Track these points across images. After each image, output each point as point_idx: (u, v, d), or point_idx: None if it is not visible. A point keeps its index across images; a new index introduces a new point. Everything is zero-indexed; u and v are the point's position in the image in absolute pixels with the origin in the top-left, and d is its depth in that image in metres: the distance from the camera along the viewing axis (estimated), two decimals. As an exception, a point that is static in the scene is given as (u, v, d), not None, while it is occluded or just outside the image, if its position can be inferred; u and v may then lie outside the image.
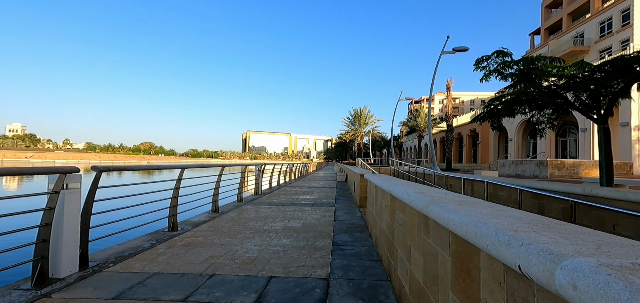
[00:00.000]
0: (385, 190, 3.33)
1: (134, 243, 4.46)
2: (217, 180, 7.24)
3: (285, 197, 10.41)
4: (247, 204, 8.51)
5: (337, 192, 12.32)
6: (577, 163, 17.10)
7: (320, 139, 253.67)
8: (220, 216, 6.65)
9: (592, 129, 20.16)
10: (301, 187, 14.06)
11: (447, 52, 12.84)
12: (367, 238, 4.83)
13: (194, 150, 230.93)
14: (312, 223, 6.05)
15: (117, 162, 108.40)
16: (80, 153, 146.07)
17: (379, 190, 4.00)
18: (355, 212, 7.42)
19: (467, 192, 7.00)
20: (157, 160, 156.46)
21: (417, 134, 46.43)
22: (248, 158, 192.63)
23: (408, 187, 2.76)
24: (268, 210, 7.47)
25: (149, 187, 5.51)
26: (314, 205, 8.47)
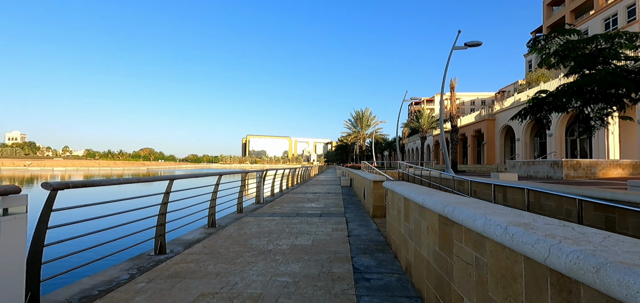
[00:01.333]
0: (431, 209, 2.51)
1: (110, 273, 3.63)
2: (214, 191, 6.42)
3: (289, 205, 9.58)
4: (247, 216, 7.68)
5: (344, 198, 11.50)
6: (593, 163, 16.25)
7: (320, 141, 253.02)
8: (218, 232, 5.82)
9: (607, 128, 19.35)
10: (305, 194, 13.23)
11: (459, 47, 12.07)
12: (393, 261, 4.01)
13: (193, 155, 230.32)
14: (323, 239, 5.22)
15: (97, 169, 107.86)
16: (79, 161, 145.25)
17: (414, 205, 3.18)
18: (370, 224, 6.59)
19: (498, 201, 6.17)
20: (157, 166, 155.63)
21: (419, 136, 45.63)
22: (248, 163, 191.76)
23: (471, 207, 1.96)
24: (272, 223, 6.64)
25: (132, 203, 4.70)
26: (321, 216, 7.64)
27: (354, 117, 51.74)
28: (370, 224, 6.59)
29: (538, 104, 7.36)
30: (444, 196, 2.60)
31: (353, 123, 52.10)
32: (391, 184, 4.56)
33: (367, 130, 50.59)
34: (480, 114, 36.25)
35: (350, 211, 8.48)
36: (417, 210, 3.05)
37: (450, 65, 13.35)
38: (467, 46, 11.91)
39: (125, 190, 29.45)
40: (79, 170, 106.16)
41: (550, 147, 24.06)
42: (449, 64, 13.38)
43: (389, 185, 4.66)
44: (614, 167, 16.12)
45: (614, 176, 15.84)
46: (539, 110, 7.41)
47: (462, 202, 2.22)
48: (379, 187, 7.23)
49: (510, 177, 10.51)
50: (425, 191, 3.13)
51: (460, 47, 12.04)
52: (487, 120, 32.69)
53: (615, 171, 16.06)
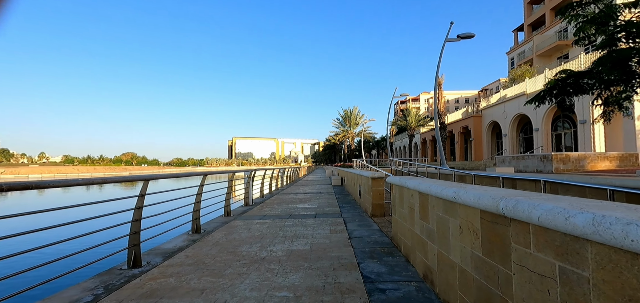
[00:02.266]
0: (471, 204, 2.02)
1: (68, 296, 2.98)
2: (198, 192, 5.78)
3: (280, 207, 8.99)
4: (236, 219, 7.06)
5: (337, 198, 10.99)
6: (582, 156, 16.40)
7: (308, 142, 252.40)
8: (203, 238, 5.19)
9: (592, 121, 19.64)
10: (296, 194, 12.66)
11: (452, 39, 11.80)
12: (406, 266, 3.52)
13: (178, 159, 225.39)
14: (322, 243, 4.68)
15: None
16: (57, 167, 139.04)
17: (436, 201, 2.69)
18: (371, 224, 6.10)
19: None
20: (139, 170, 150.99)
21: (407, 133, 45.75)
22: (235, 165, 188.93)
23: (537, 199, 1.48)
24: (263, 226, 6.05)
25: (101, 209, 4.05)
26: (317, 217, 7.10)
27: (342, 116, 51.40)
28: (371, 224, 6.09)
29: (562, 86, 6.99)
30: (486, 189, 2.11)
31: (341, 122, 51.76)
32: (399, 179, 4.08)
33: (355, 128, 50.37)
34: (467, 111, 36.60)
35: (346, 211, 7.97)
36: (442, 207, 2.56)
37: (436, 63, 13.09)
38: (459, 38, 11.67)
39: (93, 194, 27.93)
40: (55, 177, 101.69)
41: (537, 141, 24.36)
42: (438, 59, 13.12)
43: (397, 180, 4.18)
44: (602, 159, 16.31)
45: (602, 168, 16.02)
46: (563, 92, 7.05)
47: (520, 194, 1.72)
48: (379, 185, 6.76)
49: (506, 171, 10.28)
50: (453, 184, 2.64)
51: (453, 39, 11.79)
52: (474, 117, 32.98)
53: (603, 163, 16.25)
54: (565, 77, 6.95)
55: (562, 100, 7.33)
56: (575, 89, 6.78)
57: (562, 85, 7.00)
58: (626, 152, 16.54)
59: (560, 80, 6.99)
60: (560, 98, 7.30)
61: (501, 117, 29.12)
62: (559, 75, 7.10)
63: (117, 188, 37.48)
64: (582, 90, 6.82)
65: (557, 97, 7.29)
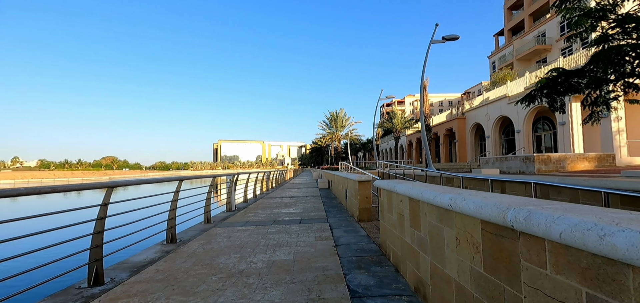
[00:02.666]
0: (470, 213, 1.78)
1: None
2: (174, 199, 5.39)
3: (264, 212, 8.64)
4: (217, 226, 6.67)
5: (323, 202, 10.72)
6: (562, 157, 16.79)
7: (294, 145, 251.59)
8: (178, 249, 4.81)
9: (571, 122, 20.22)
10: (281, 198, 12.31)
11: (437, 41, 11.81)
12: (396, 277, 3.27)
13: (162, 163, 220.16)
14: (307, 252, 4.39)
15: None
16: (31, 172, 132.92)
17: (429, 208, 2.46)
18: (358, 230, 5.85)
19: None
20: (120, 174, 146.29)
21: (393, 136, 46.09)
22: (220, 168, 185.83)
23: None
24: (245, 234, 5.70)
25: (58, 220, 3.63)
26: (302, 222, 6.80)
27: (328, 118, 51.27)
28: (358, 230, 5.85)
29: (552, 85, 6.93)
30: (487, 195, 1.88)
31: (328, 124, 51.64)
32: (387, 183, 3.84)
33: (342, 131, 50.31)
34: (451, 113, 37.15)
35: (332, 215, 7.71)
36: (436, 215, 2.33)
37: (420, 66, 13.12)
38: (444, 40, 11.68)
39: (51, 202, 26.48)
40: (29, 182, 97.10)
41: (518, 143, 24.88)
42: (424, 61, 13.14)
43: (384, 184, 3.94)
44: (581, 160, 16.75)
45: (581, 169, 16.44)
46: (554, 91, 6.99)
47: (530, 203, 1.50)
48: (366, 188, 6.53)
49: (491, 172, 10.30)
50: (447, 190, 2.41)
51: (438, 41, 11.79)
52: (458, 119, 33.49)
53: (582, 164, 16.68)
54: (556, 76, 6.94)
55: (552, 99, 7.32)
56: (566, 87, 6.76)
57: (553, 84, 6.98)
58: (604, 153, 17.05)
59: (551, 79, 6.97)
60: (551, 97, 7.28)
61: (484, 119, 29.67)
62: (549, 73, 7.08)
63: (97, 194, 35.93)
64: (573, 90, 6.81)
65: (548, 96, 7.27)
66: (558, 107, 7.71)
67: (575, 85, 6.66)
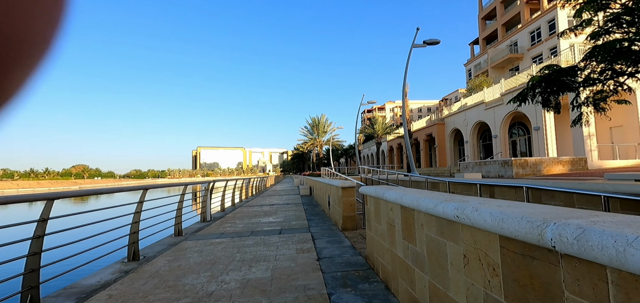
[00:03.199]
0: (487, 228, 1.44)
1: None
2: (137, 210, 4.80)
3: (242, 222, 8.10)
4: (188, 239, 6.09)
5: (305, 209, 10.29)
6: (538, 161, 17.24)
7: (276, 151, 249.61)
8: (140, 268, 4.23)
9: (545, 128, 20.90)
10: (261, 206, 11.76)
11: (418, 45, 11.77)
12: (386, 295, 2.91)
13: (137, 171, 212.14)
14: (286, 268, 3.95)
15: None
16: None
17: (427, 219, 2.12)
18: (342, 240, 5.47)
19: (485, 202, 5.52)
20: (91, 184, 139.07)
21: (375, 141, 46.36)
22: (199, 176, 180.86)
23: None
24: (218, 248, 5.18)
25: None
26: (282, 233, 6.34)
27: (310, 124, 50.90)
28: (342, 240, 5.47)
29: (546, 83, 6.81)
30: (508, 204, 1.55)
31: (309, 130, 51.25)
32: (374, 189, 3.49)
33: (323, 136, 50.09)
34: (431, 119, 37.82)
35: (315, 224, 7.29)
36: (436, 227, 1.99)
37: (400, 69, 13.12)
38: (426, 44, 11.67)
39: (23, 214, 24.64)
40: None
41: (496, 148, 25.51)
42: (406, 64, 13.11)
43: (371, 190, 3.59)
44: (556, 163, 17.26)
45: (556, 172, 16.94)
46: (547, 89, 6.88)
47: (572, 215, 1.16)
48: (349, 195, 6.17)
49: (474, 176, 10.24)
50: (448, 197, 2.07)
51: (420, 45, 11.77)
52: (438, 125, 34.08)
53: (557, 168, 17.19)
54: (549, 74, 6.89)
55: (546, 98, 7.25)
56: (559, 86, 6.70)
57: (547, 82, 6.91)
58: (576, 157, 17.65)
59: (545, 77, 6.90)
60: (545, 95, 7.21)
61: (462, 124, 30.32)
62: (542, 71, 7.01)
63: (66, 204, 33.57)
64: (565, 88, 6.77)
65: (543, 94, 7.19)
66: (552, 105, 7.68)
67: (569, 83, 6.63)
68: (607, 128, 21.08)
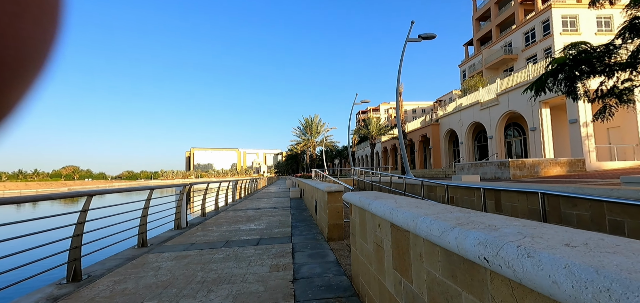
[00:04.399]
0: (539, 286, 0.72)
1: None
2: (79, 221, 4.02)
3: (220, 229, 7.33)
4: (152, 251, 5.32)
5: (292, 214, 9.55)
6: (536, 162, 16.74)
7: (270, 152, 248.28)
8: (77, 292, 3.46)
9: (542, 128, 20.45)
10: (246, 210, 10.99)
11: (413, 39, 11.14)
12: (372, 338, 2.20)
13: (129, 172, 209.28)
14: (253, 292, 3.22)
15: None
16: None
17: (431, 249, 1.41)
18: (326, 253, 4.74)
19: (490, 209, 4.77)
20: (81, 186, 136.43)
21: (369, 142, 45.82)
22: (193, 177, 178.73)
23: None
24: (181, 264, 4.42)
25: None
26: (260, 243, 5.60)
27: (303, 125, 50.09)
28: (326, 253, 4.74)
29: (571, 67, 5.89)
30: (582, 234, 0.85)
31: (302, 131, 50.40)
32: (358, 198, 2.78)
33: (317, 137, 49.29)
34: (426, 120, 37.35)
35: (299, 232, 6.56)
36: (445, 265, 1.28)
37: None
38: (421, 38, 11.04)
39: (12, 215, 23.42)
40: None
41: (491, 149, 25.05)
42: (400, 60, 12.49)
43: (355, 198, 2.88)
44: (554, 165, 16.77)
45: (554, 174, 16.45)
46: (572, 74, 5.98)
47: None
48: (336, 200, 5.46)
49: (471, 179, 9.61)
50: (459, 217, 1.36)
51: (414, 39, 11.13)
52: (432, 125, 33.61)
53: (554, 169, 16.70)
54: (576, 54, 6.02)
55: (571, 85, 6.35)
56: (590, 68, 5.85)
57: (573, 65, 6.04)
58: (574, 158, 17.20)
59: (573, 59, 5.99)
60: (569, 82, 6.29)
61: (457, 125, 29.86)
62: (567, 52, 6.13)
63: (54, 205, 32.32)
64: (597, 72, 5.93)
65: (567, 81, 6.28)
66: (581, 93, 6.77)
67: (600, 66, 5.78)
68: (604, 128, 20.74)
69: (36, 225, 3.86)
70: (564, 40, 33.53)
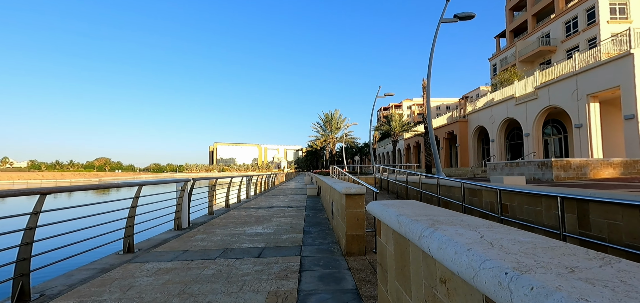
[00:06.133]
0: None
1: None
2: (29, 226, 3.18)
3: (223, 232, 6.44)
4: (135, 260, 4.47)
5: (306, 216, 8.54)
6: (584, 163, 14.75)
7: (291, 148, 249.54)
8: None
9: (589, 124, 18.22)
10: (258, 209, 10.11)
11: (447, 19, 9.71)
12: None
13: (156, 165, 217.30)
14: (233, 344, 2.22)
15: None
16: (19, 173, 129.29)
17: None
18: (343, 275, 3.67)
19: (571, 226, 3.47)
20: (112, 177, 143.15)
21: (391, 139, 44.06)
22: (215, 171, 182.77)
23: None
24: (158, 282, 3.51)
25: None
26: (262, 255, 4.61)
27: (322, 120, 48.89)
28: (343, 276, 3.66)
29: None
30: None
31: (322, 126, 49.24)
32: (393, 213, 1.69)
33: (337, 133, 48.00)
34: (453, 116, 35.19)
35: (311, 240, 5.52)
36: None
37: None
38: (457, 18, 9.61)
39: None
40: (14, 184, 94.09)
41: (527, 147, 22.87)
42: (433, 43, 11.08)
43: (389, 216, 1.79)
44: (605, 166, 14.73)
45: (606, 176, 14.44)
46: None
47: None
48: (356, 205, 4.36)
49: (515, 181, 8.16)
50: None
51: (449, 20, 9.72)
52: (460, 122, 31.52)
53: (606, 171, 14.66)
54: None
55: None
56: None
57: None
58: (630, 159, 15.03)
59: None
60: None
61: (488, 121, 27.70)
62: None
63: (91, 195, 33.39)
64: None
65: None
66: None
67: None
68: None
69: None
70: (612, 29, 30.31)
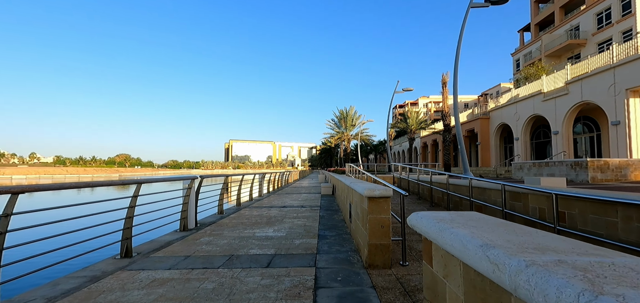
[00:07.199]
0: None
1: None
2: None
3: (231, 233, 5.94)
4: (130, 267, 4.00)
5: (321, 217, 7.94)
6: (624, 163, 13.51)
7: (305, 146, 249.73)
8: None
9: (628, 121, 16.75)
10: (270, 209, 9.60)
11: (477, 4, 8.80)
12: None
13: (174, 161, 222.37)
14: None
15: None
16: (45, 168, 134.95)
17: None
18: (366, 297, 3.04)
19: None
20: (131, 172, 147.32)
21: (407, 137, 42.86)
22: (231, 168, 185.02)
23: None
24: (149, 299, 3.00)
25: None
26: (271, 264, 4.05)
27: (337, 117, 48.09)
28: (366, 295, 3.03)
29: None
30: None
31: (336, 123, 48.46)
32: (463, 238, 1.05)
33: (351, 130, 47.12)
34: (473, 113, 33.71)
35: (327, 246, 4.92)
36: None
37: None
38: (489, 3, 8.72)
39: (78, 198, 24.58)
40: (40, 178, 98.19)
41: (556, 146, 21.43)
42: (461, 29, 10.15)
43: (457, 241, 1.15)
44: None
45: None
46: None
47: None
48: (381, 209, 3.72)
49: (555, 183, 7.27)
50: None
51: (479, 5, 8.84)
52: (481, 119, 30.11)
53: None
54: None
55: None
56: None
57: None
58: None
59: None
60: None
61: (513, 119, 26.24)
62: None
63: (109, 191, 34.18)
64: None
65: None
66: None
67: None
68: None
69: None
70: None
